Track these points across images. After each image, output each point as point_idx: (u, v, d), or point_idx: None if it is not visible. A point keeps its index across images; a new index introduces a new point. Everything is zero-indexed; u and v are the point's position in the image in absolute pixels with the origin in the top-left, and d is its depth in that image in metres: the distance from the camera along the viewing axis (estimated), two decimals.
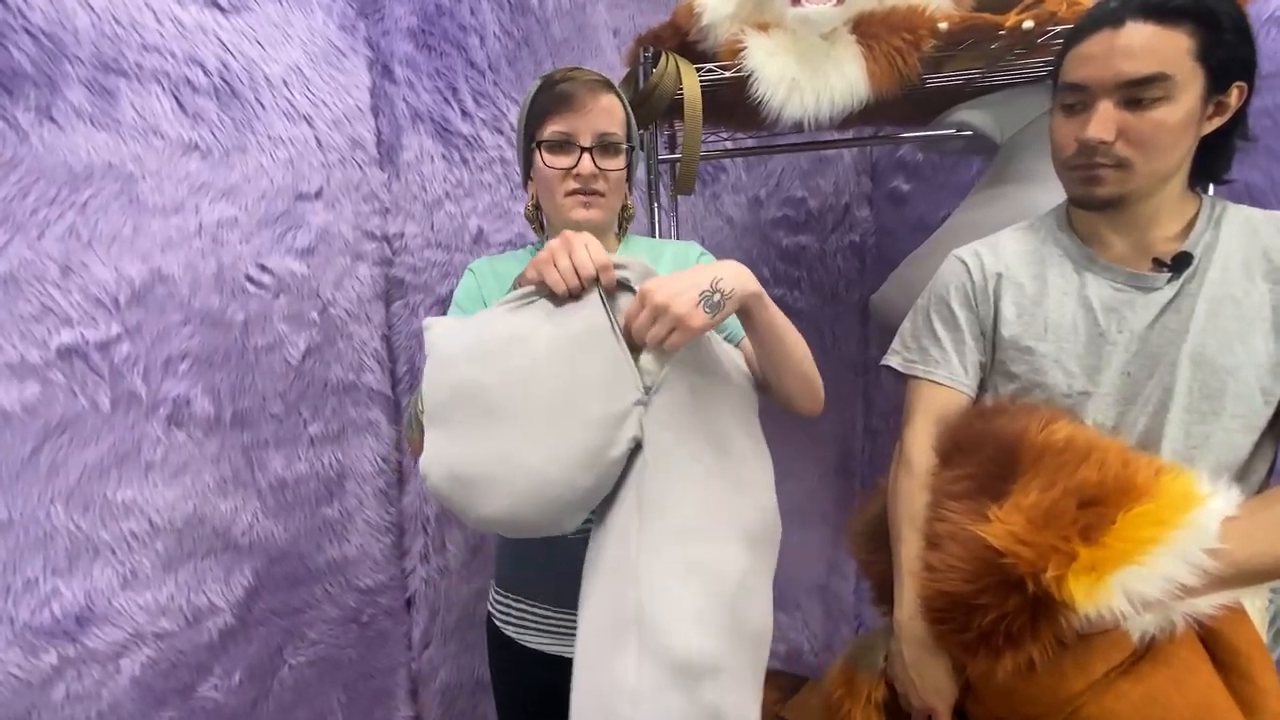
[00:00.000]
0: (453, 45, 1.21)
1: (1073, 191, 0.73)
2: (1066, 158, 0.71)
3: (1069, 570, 0.57)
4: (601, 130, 0.76)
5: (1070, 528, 0.58)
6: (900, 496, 0.77)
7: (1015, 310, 0.76)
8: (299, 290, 1.03)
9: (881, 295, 1.13)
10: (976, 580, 0.61)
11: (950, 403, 0.78)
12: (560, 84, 0.77)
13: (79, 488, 0.83)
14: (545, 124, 0.77)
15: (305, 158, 1.02)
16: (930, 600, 0.66)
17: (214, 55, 0.92)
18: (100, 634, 0.85)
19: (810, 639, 1.79)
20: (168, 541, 0.91)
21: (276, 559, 1.04)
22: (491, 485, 0.66)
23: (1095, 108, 0.67)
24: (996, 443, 0.66)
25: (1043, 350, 0.74)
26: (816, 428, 1.70)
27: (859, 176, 1.60)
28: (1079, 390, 0.72)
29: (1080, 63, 0.68)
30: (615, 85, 0.80)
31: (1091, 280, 0.73)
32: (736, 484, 0.69)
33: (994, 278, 0.77)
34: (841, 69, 0.84)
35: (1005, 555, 0.59)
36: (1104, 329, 0.72)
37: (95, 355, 0.83)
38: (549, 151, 0.77)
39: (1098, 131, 0.66)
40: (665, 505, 0.66)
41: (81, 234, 0.82)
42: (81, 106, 0.81)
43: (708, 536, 0.66)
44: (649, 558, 0.65)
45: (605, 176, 0.77)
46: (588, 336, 0.66)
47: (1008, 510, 0.61)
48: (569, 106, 0.76)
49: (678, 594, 0.63)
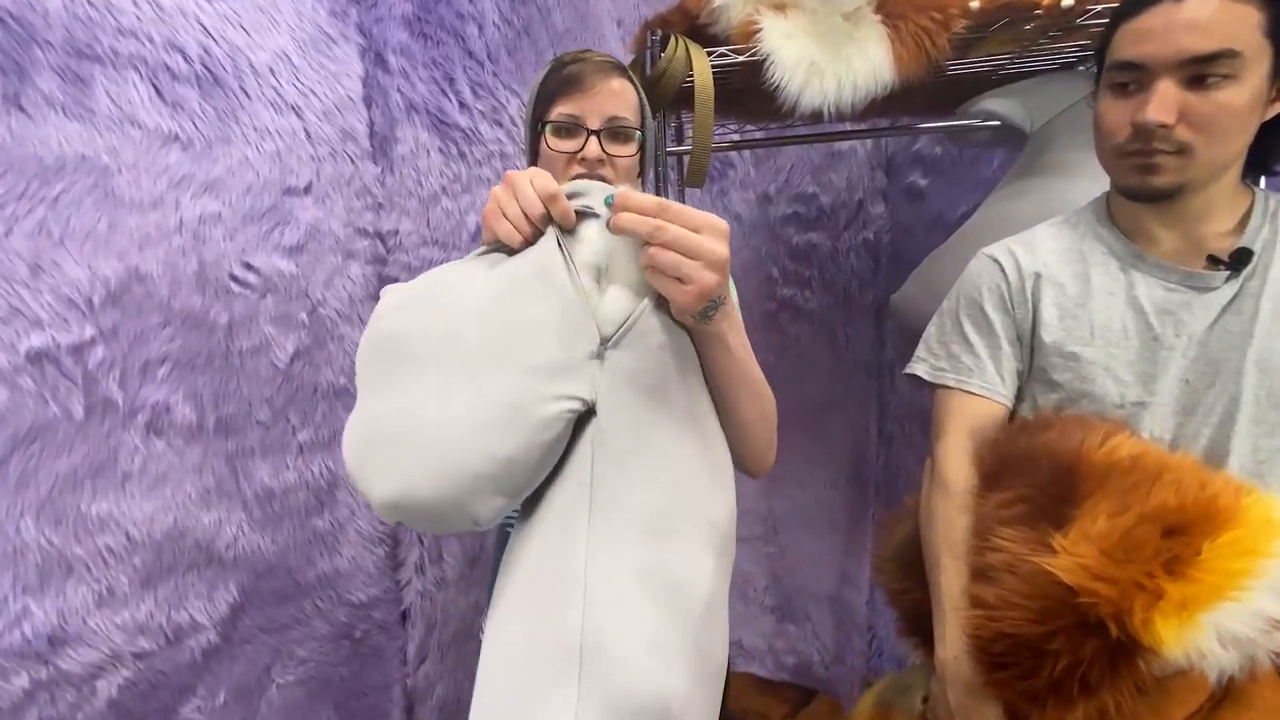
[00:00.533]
0: (450, 34, 1.16)
1: (1125, 182, 0.66)
2: (1118, 144, 0.64)
3: (1156, 610, 0.51)
4: (611, 114, 0.71)
5: (1153, 560, 0.52)
6: (937, 520, 0.71)
7: (1057, 313, 0.70)
8: (287, 290, 0.98)
9: (903, 295, 1.08)
10: (1046, 621, 0.54)
11: (986, 415, 0.72)
12: (570, 65, 0.73)
13: (51, 500, 0.79)
14: (552, 106, 0.73)
15: (293, 150, 0.98)
16: (987, 642, 0.59)
17: (195, 41, 0.87)
18: (74, 655, 0.81)
19: (821, 650, 1.73)
20: (146, 556, 0.86)
21: (263, 573, 0.99)
22: (390, 454, 0.52)
23: (1154, 88, 0.61)
24: (1051, 461, 0.60)
25: (1090, 356, 0.68)
26: (827, 433, 1.64)
27: (873, 171, 1.54)
28: (1133, 400, 0.66)
29: (1136, 38, 0.62)
30: (629, 71, 0.75)
31: (1140, 280, 0.67)
32: (711, 470, 0.56)
33: (1032, 278, 0.71)
34: (865, 51, 0.78)
35: (1081, 593, 0.53)
36: (1158, 333, 0.66)
37: (67, 360, 0.79)
38: (554, 134, 0.72)
39: (1158, 114, 0.60)
40: (625, 492, 0.52)
41: (52, 230, 0.77)
42: (52, 95, 0.76)
43: (678, 536, 0.52)
44: (601, 561, 0.50)
45: (613, 163, 0.72)
46: (534, 276, 0.53)
47: (1074, 539, 0.55)
48: (577, 88, 0.71)
49: (638, 614, 0.49)
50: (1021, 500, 0.61)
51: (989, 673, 0.60)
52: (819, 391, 1.63)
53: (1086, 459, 0.58)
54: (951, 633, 0.66)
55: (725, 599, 0.58)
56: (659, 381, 0.54)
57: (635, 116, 0.74)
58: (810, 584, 1.72)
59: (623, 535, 0.51)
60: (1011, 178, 0.99)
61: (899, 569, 0.77)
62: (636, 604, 0.50)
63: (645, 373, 0.53)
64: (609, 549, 0.51)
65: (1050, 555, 0.55)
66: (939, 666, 0.67)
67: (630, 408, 0.53)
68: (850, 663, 1.70)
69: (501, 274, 0.54)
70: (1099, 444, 0.59)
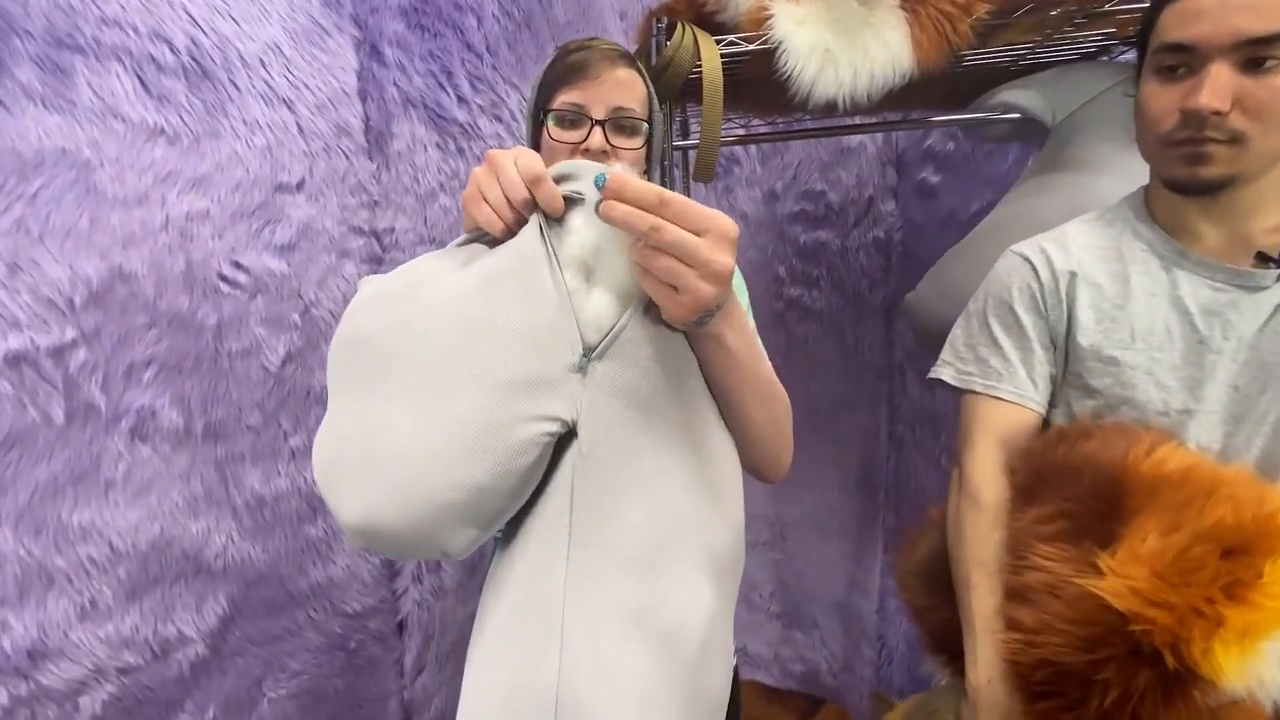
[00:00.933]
0: (448, 25, 1.13)
1: (1172, 173, 0.62)
2: (1165, 132, 0.60)
3: (1216, 639, 0.47)
4: (617, 104, 0.68)
5: (1212, 584, 0.48)
6: (966, 534, 0.67)
7: (1094, 315, 0.66)
8: (278, 290, 0.95)
9: (917, 296, 1.04)
10: (1093, 650, 0.50)
11: (1017, 422, 0.68)
12: (575, 53, 0.69)
13: (30, 509, 0.75)
14: (555, 94, 0.69)
15: (285, 145, 0.94)
16: (1026, 669, 0.55)
17: (182, 31, 0.84)
18: (56, 670, 0.78)
19: (829, 659, 1.70)
20: (131, 567, 0.83)
21: (254, 583, 0.96)
22: (356, 476, 0.48)
23: (1206, 71, 0.57)
24: (1094, 473, 0.56)
25: (1130, 361, 0.64)
26: (836, 436, 1.60)
27: (884, 168, 1.50)
28: (1178, 408, 0.62)
29: (1186, 19, 0.58)
30: (637, 61, 0.72)
31: (1184, 279, 0.63)
32: (709, 491, 0.51)
33: (1066, 277, 0.67)
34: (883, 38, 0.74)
35: (1133, 620, 0.49)
36: (1205, 336, 0.62)
37: (47, 363, 0.76)
38: (556, 124, 0.68)
39: (1211, 100, 0.56)
40: (609, 525, 0.47)
41: (31, 228, 0.74)
42: (31, 86, 0.73)
43: (669, 572, 0.48)
44: (580, 602, 0.46)
45: (617, 155, 0.68)
46: (511, 273, 0.47)
47: (1123, 559, 0.51)
48: (582, 76, 0.67)
49: (621, 662, 0.45)
50: (1062, 515, 0.57)
51: (1028, 702, 0.56)
52: (827, 394, 1.60)
53: (1132, 471, 0.55)
54: (984, 655, 0.62)
55: (725, 628, 0.53)
56: (649, 397, 0.48)
57: (643, 108, 0.70)
58: (818, 591, 1.68)
59: (605, 573, 0.47)
60: (1033, 172, 0.95)
61: (924, 584, 0.73)
62: (619, 652, 0.45)
63: (634, 388, 0.48)
64: (590, 589, 0.46)
65: (1097, 576, 0.51)
66: (970, 691, 0.64)
67: (616, 428, 0.47)
68: (859, 671, 1.66)
69: (478, 270, 0.48)
70: (1145, 455, 0.55)
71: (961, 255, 0.99)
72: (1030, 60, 0.98)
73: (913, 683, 1.64)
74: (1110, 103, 0.88)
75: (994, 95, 0.99)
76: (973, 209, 1.36)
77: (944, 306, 0.98)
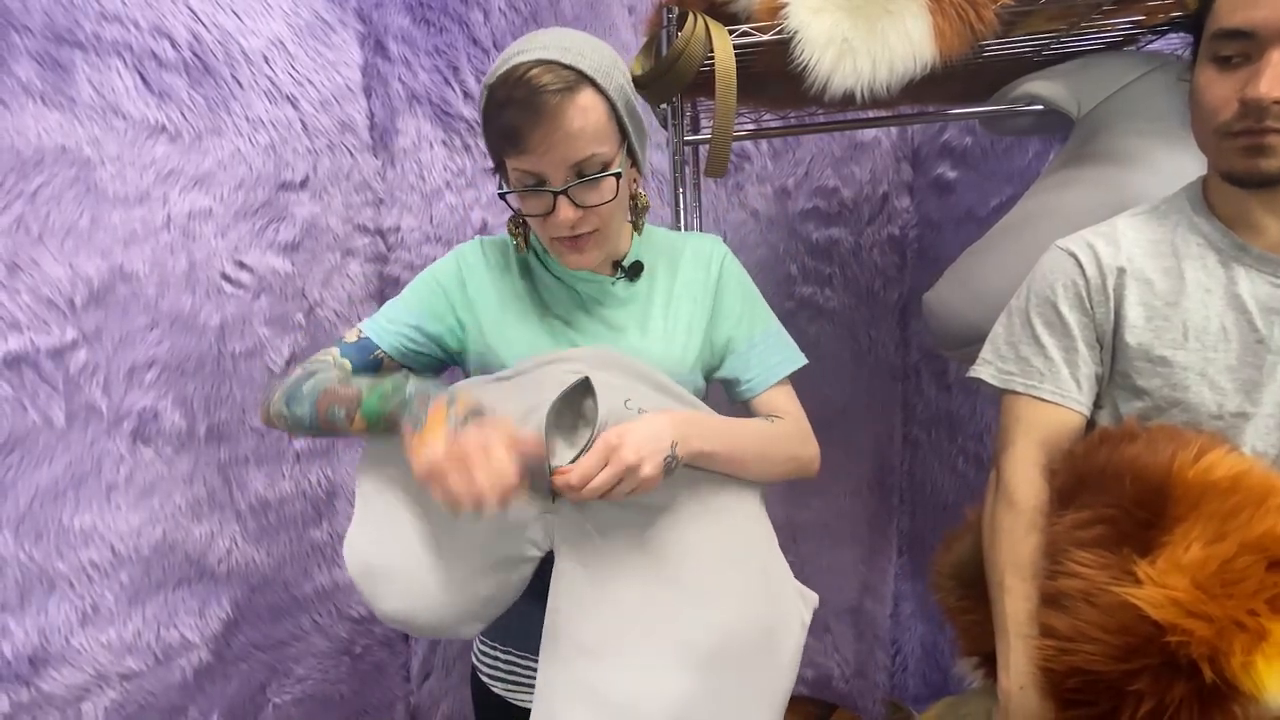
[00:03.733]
0: (453, 20, 1.11)
1: (1230, 165, 0.59)
2: (1223, 122, 0.57)
3: (1259, 653, 0.45)
4: (575, 160, 0.59)
5: (1256, 597, 0.46)
6: (1001, 537, 0.65)
7: (1144, 313, 0.63)
8: (282, 290, 0.94)
9: (937, 294, 1.01)
10: (1128, 660, 0.49)
11: (1059, 423, 0.65)
12: (505, 109, 0.58)
13: (30, 513, 0.75)
14: (505, 159, 0.62)
15: (289, 142, 0.93)
16: (1059, 676, 0.54)
17: (184, 26, 0.83)
18: (58, 676, 0.77)
19: (841, 664, 1.67)
20: (133, 571, 0.82)
21: (258, 587, 0.95)
22: (393, 585, 0.64)
23: (1267, 58, 0.54)
24: (1137, 478, 0.54)
25: (1182, 361, 0.61)
26: (850, 438, 1.57)
27: (898, 163, 1.47)
28: (1233, 411, 0.59)
29: (1244, 2, 0.55)
30: (585, 72, 0.59)
31: (1243, 275, 0.60)
32: (686, 591, 0.62)
33: (1114, 273, 0.64)
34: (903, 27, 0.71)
35: (1170, 631, 0.47)
36: (1264, 335, 0.59)
37: (47, 364, 0.75)
38: (519, 198, 0.63)
39: (1273, 89, 0.53)
40: (575, 620, 0.61)
41: (31, 227, 0.73)
42: (30, 83, 0.72)
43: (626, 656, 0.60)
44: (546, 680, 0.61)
45: (595, 212, 0.62)
46: None
47: (1163, 568, 0.49)
48: (523, 146, 0.58)
49: None
50: (1101, 521, 0.54)
51: (1060, 710, 0.55)
52: (840, 395, 1.57)
53: (1178, 477, 0.52)
54: (1016, 661, 0.60)
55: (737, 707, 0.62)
56: (612, 521, 0.61)
57: (608, 138, 0.61)
58: (831, 595, 1.66)
59: (566, 657, 0.61)
60: (1058, 166, 0.92)
61: (958, 586, 0.72)
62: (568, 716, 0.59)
63: (594, 516, 0.61)
64: (552, 670, 0.61)
65: (1134, 585, 0.50)
66: (1002, 696, 0.62)
67: (581, 549, 0.62)
68: (872, 677, 1.64)
69: None
70: (1192, 460, 0.52)
71: (983, 252, 0.96)
72: (1054, 50, 0.95)
73: (926, 688, 1.61)
74: (1138, 94, 0.84)
75: (1017, 87, 0.95)
76: (991, 205, 1.33)
77: (965, 305, 0.95)
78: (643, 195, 0.71)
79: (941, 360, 1.44)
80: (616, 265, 0.71)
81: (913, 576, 1.60)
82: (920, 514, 1.54)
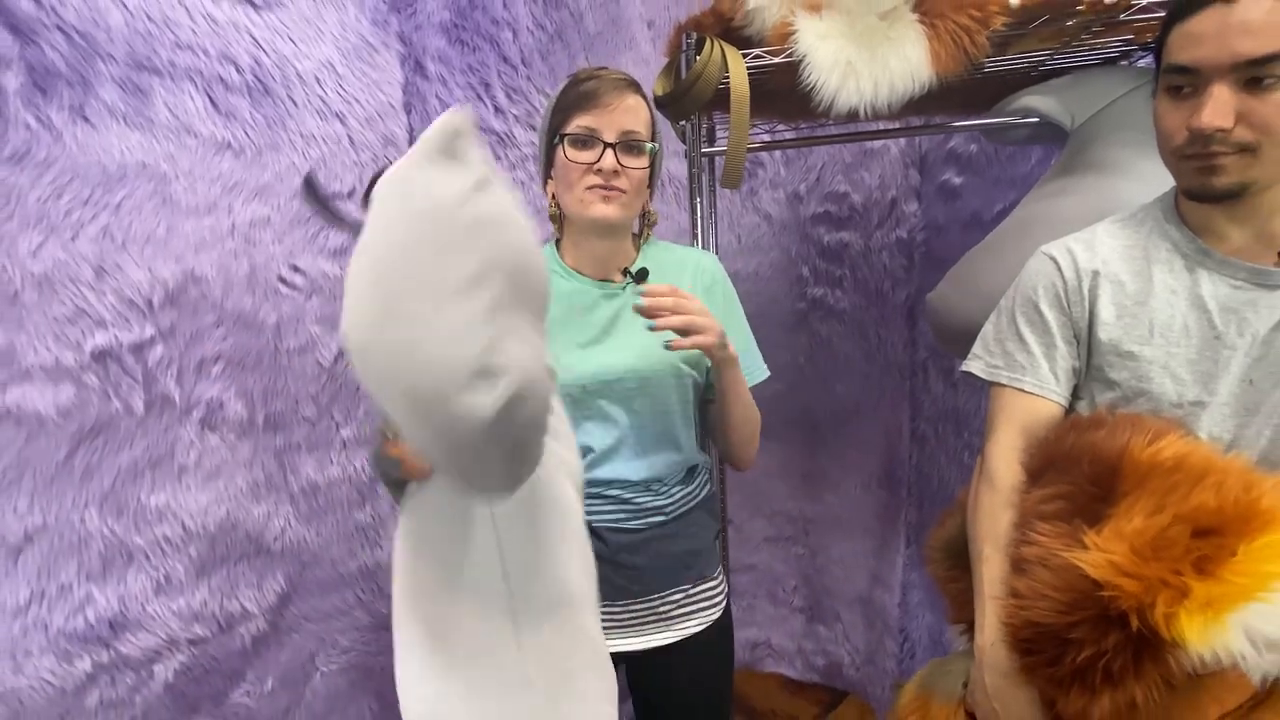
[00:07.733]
0: (485, 40, 1.19)
1: (1188, 183, 0.65)
2: (1177, 146, 0.63)
3: (1180, 607, 0.51)
4: (626, 128, 0.77)
5: (1182, 559, 0.52)
6: (981, 513, 0.71)
7: (1115, 311, 0.69)
8: (331, 291, 1.01)
9: (939, 294, 1.06)
10: (1070, 613, 0.55)
11: (1039, 412, 0.71)
12: (586, 81, 0.78)
13: (113, 492, 0.83)
14: (570, 119, 0.78)
15: (338, 156, 1.01)
16: (1017, 630, 0.60)
17: (246, 52, 0.91)
18: (134, 640, 0.85)
19: (851, 652, 1.72)
20: (201, 547, 0.90)
21: (309, 564, 1.03)
22: None
23: (1209, 91, 0.60)
24: (1094, 459, 0.60)
25: (1148, 355, 0.67)
26: (859, 433, 1.63)
27: (906, 169, 1.52)
28: (1191, 400, 0.65)
29: (1189, 42, 0.61)
30: (641, 88, 0.81)
31: (1206, 278, 0.66)
32: None
33: (1089, 275, 0.70)
34: (901, 51, 0.78)
35: (1104, 587, 0.54)
36: (1221, 332, 0.64)
37: (129, 358, 0.83)
38: (572, 145, 0.78)
39: (1213, 119, 0.59)
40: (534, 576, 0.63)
41: (115, 235, 0.81)
42: (115, 105, 0.80)
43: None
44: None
45: (627, 174, 0.78)
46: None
47: (1107, 537, 0.55)
48: (595, 103, 0.77)
49: None
50: (1061, 497, 0.61)
51: (1019, 658, 0.62)
52: (850, 392, 1.62)
53: (1130, 458, 0.58)
54: (990, 621, 0.66)
55: None
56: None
57: (647, 131, 0.80)
58: (841, 585, 1.71)
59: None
60: (1053, 175, 0.97)
61: (947, 558, 0.79)
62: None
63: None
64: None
65: (1081, 551, 0.56)
66: (977, 653, 0.68)
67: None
68: (881, 664, 1.69)
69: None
70: (1145, 444, 0.58)
71: (983, 255, 1.01)
72: (1049, 66, 1.00)
73: None
74: (1127, 107, 0.90)
75: (1014, 100, 1.01)
76: (995, 210, 1.37)
77: (965, 305, 1.00)
78: (653, 211, 0.85)
79: (948, 358, 1.49)
80: (624, 271, 0.83)
81: (920, 567, 1.64)
82: (928, 506, 1.59)
